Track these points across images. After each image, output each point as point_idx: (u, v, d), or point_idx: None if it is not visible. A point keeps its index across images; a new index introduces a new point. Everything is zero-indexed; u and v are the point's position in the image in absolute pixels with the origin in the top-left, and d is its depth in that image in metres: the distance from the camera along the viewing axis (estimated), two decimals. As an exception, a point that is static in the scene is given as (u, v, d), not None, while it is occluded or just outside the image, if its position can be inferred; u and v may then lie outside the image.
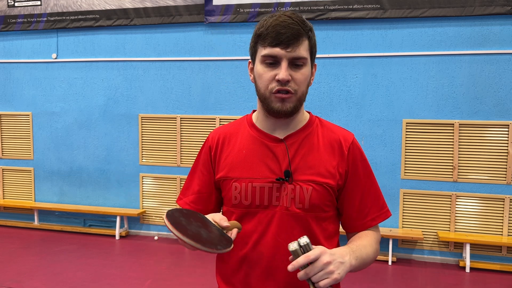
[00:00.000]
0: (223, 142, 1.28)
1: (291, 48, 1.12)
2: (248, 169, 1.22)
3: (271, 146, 1.22)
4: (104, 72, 5.74)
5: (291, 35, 1.12)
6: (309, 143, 1.22)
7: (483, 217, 4.68)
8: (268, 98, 1.17)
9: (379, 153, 4.91)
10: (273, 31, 1.13)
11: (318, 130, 1.26)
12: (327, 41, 5.02)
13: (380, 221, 1.26)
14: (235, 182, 1.22)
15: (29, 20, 5.91)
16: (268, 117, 1.22)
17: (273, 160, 1.21)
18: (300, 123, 1.25)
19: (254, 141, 1.25)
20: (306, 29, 1.15)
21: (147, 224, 5.72)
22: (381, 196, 1.29)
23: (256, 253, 1.20)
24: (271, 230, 1.19)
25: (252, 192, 1.20)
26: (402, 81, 4.84)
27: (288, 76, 1.12)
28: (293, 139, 1.22)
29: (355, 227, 1.25)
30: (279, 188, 1.19)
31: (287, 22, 1.13)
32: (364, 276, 4.30)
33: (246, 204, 1.21)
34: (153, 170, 5.64)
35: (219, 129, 1.33)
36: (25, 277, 4.15)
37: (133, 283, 4.08)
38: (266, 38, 1.14)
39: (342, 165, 1.21)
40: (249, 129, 1.28)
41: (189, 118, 5.48)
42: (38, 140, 6.06)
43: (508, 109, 4.59)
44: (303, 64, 1.15)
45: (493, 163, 4.63)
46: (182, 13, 5.37)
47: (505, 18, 4.55)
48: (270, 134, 1.24)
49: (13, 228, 5.97)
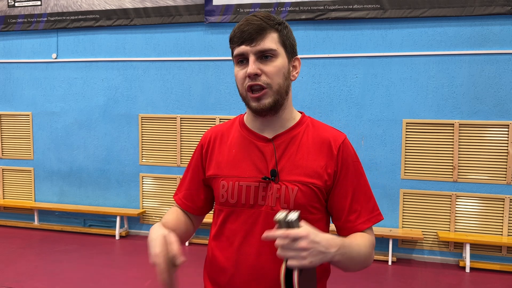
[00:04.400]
0: (215, 141, 1.30)
1: (255, 43, 1.14)
2: (236, 168, 1.22)
3: (260, 145, 1.23)
4: (104, 72, 5.74)
5: (253, 30, 1.14)
6: (297, 143, 1.22)
7: (483, 217, 4.68)
8: (245, 97, 1.19)
9: (379, 153, 4.91)
10: (238, 31, 1.16)
11: (309, 130, 1.25)
12: (327, 41, 5.02)
13: (371, 224, 1.22)
14: (223, 180, 1.23)
15: (29, 20, 5.91)
16: (256, 117, 1.23)
17: (261, 159, 1.21)
18: (289, 123, 1.25)
19: (243, 141, 1.25)
20: (271, 23, 1.16)
21: (147, 224, 5.72)
22: (372, 199, 1.25)
23: (241, 253, 1.19)
24: (256, 229, 1.18)
25: (239, 191, 1.20)
26: (402, 81, 4.84)
27: (256, 70, 1.13)
28: (281, 139, 1.22)
29: (346, 229, 1.22)
30: (265, 188, 1.18)
31: (250, 20, 1.16)
32: (364, 276, 4.31)
33: (232, 202, 1.21)
34: (153, 170, 5.64)
35: (213, 129, 1.35)
36: (25, 277, 4.15)
37: (133, 283, 4.08)
38: (233, 39, 1.17)
39: (330, 166, 1.19)
40: (240, 128, 1.28)
41: (189, 118, 5.49)
42: (38, 140, 6.06)
43: (508, 109, 4.59)
44: (273, 56, 1.15)
45: (493, 163, 4.63)
46: (182, 13, 5.37)
47: (505, 18, 4.55)
48: (259, 133, 1.24)
49: (13, 228, 5.97)
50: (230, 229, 1.21)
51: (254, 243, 1.18)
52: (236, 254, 1.20)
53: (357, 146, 4.96)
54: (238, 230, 1.20)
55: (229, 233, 1.21)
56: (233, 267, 1.20)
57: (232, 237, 1.21)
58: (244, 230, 1.19)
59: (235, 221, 1.21)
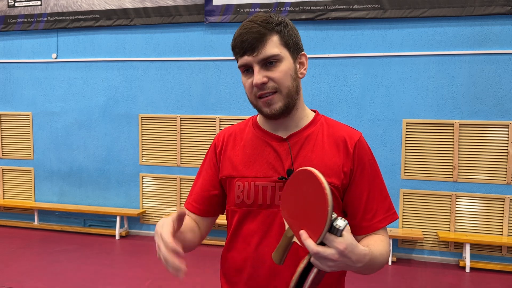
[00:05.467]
0: (228, 141, 1.28)
1: (257, 51, 1.11)
2: (251, 168, 1.21)
3: (274, 145, 1.21)
4: (104, 72, 5.74)
5: (253, 39, 1.11)
6: (312, 141, 1.21)
7: (483, 217, 4.68)
8: (256, 104, 1.18)
9: (379, 153, 4.91)
10: (239, 41, 1.14)
11: (323, 128, 1.23)
12: (327, 41, 5.02)
13: (387, 223, 1.22)
14: (238, 180, 1.21)
15: (29, 20, 5.91)
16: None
17: (276, 159, 1.20)
18: (302, 121, 1.23)
19: (257, 141, 1.24)
20: (270, 27, 1.13)
21: (147, 224, 5.72)
22: (388, 198, 1.25)
23: (259, 253, 1.18)
24: (274, 229, 1.17)
25: (255, 191, 1.19)
26: (402, 81, 4.84)
27: (262, 79, 1.12)
28: (296, 138, 1.21)
29: (362, 228, 1.20)
30: (281, 188, 1.17)
31: (248, 27, 1.12)
32: (364, 276, 4.31)
33: (248, 203, 1.19)
34: (153, 170, 5.64)
35: (226, 129, 1.33)
36: (25, 277, 4.15)
37: (133, 283, 4.08)
38: (235, 50, 1.16)
39: (347, 164, 1.18)
40: (253, 129, 1.27)
41: (189, 118, 5.49)
42: (38, 140, 6.06)
43: (508, 109, 4.59)
44: (278, 61, 1.13)
45: (493, 163, 4.63)
46: (182, 13, 5.37)
47: (505, 18, 4.55)
48: (273, 133, 1.23)
49: (13, 228, 5.97)
50: (246, 230, 1.20)
51: (272, 243, 1.16)
52: (254, 255, 1.19)
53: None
54: (255, 230, 1.19)
55: (245, 234, 1.20)
56: (251, 267, 1.19)
57: (249, 237, 1.20)
58: (261, 230, 1.18)
59: (252, 221, 1.20)
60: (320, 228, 0.89)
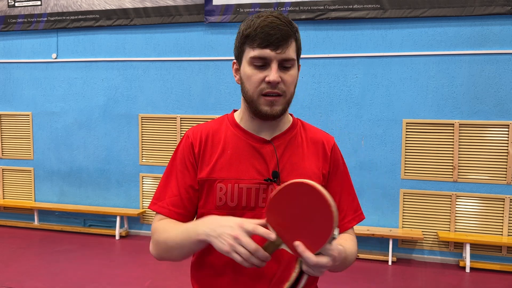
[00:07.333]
0: (206, 140, 1.22)
1: (281, 50, 1.10)
2: (234, 170, 1.18)
3: (258, 147, 1.20)
4: (104, 72, 5.74)
5: (281, 36, 1.10)
6: (295, 144, 1.23)
7: (483, 217, 4.68)
8: (256, 100, 1.15)
9: (379, 153, 4.91)
10: (262, 32, 1.10)
11: (301, 131, 1.27)
12: (327, 41, 5.02)
13: (356, 223, 1.27)
14: (220, 183, 1.17)
15: (29, 20, 5.91)
16: (254, 118, 1.20)
17: (260, 161, 1.19)
18: (285, 125, 1.25)
19: (239, 142, 1.21)
20: (293, 30, 1.14)
21: (147, 224, 5.72)
22: (356, 199, 1.30)
23: None
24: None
25: (239, 193, 1.17)
26: (402, 81, 4.84)
27: (279, 78, 1.11)
28: (279, 141, 1.22)
29: None
30: (265, 189, 1.17)
31: (276, 23, 1.10)
32: (364, 276, 4.31)
33: (232, 205, 1.17)
34: (153, 170, 5.64)
35: (199, 127, 1.26)
36: (25, 277, 4.15)
37: (133, 283, 4.08)
38: (255, 39, 1.11)
39: (325, 167, 1.23)
40: (233, 129, 1.24)
41: (189, 118, 5.48)
42: (38, 140, 6.06)
43: (508, 109, 4.59)
44: (292, 66, 1.14)
45: (493, 163, 4.63)
46: (182, 13, 5.37)
47: (505, 18, 4.55)
48: (255, 135, 1.22)
49: (13, 228, 5.97)
50: None
51: None
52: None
53: (357, 146, 4.96)
54: None
55: None
56: (232, 271, 1.17)
57: None
58: None
59: None
60: (322, 241, 0.93)
